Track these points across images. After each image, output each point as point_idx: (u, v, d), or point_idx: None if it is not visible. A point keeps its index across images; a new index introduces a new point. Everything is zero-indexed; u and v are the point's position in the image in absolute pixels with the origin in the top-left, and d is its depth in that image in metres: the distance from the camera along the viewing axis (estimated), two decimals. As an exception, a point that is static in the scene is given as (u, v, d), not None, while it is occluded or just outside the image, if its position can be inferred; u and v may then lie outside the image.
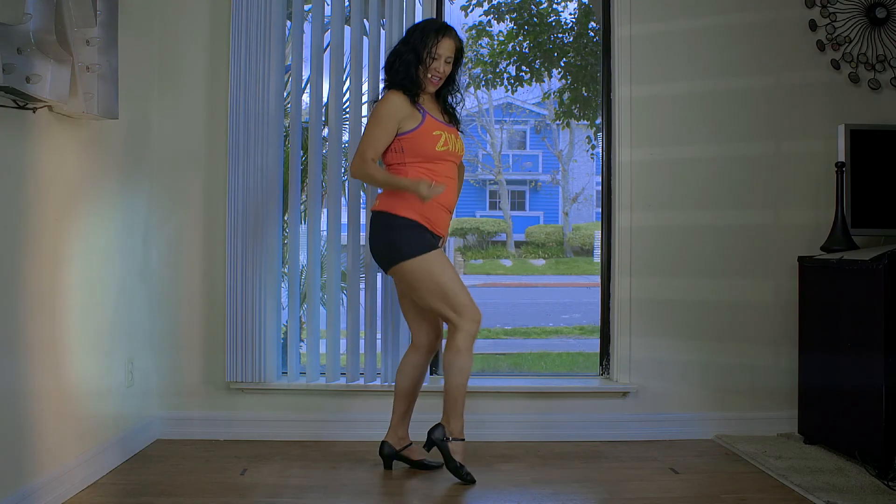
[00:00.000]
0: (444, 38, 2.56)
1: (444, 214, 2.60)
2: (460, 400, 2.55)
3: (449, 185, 2.58)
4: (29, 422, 2.14)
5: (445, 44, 2.55)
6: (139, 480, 2.52)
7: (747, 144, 3.14)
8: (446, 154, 2.58)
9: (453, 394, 2.53)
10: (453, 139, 2.61)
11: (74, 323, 2.39)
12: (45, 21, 1.99)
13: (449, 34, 2.58)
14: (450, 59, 2.58)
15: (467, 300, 2.51)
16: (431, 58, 2.54)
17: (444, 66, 2.57)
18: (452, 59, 2.60)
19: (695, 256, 3.13)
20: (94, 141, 2.50)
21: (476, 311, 2.53)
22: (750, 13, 3.14)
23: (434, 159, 2.56)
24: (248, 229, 2.96)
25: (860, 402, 2.66)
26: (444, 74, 2.59)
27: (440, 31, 2.57)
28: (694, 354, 3.12)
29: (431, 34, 2.55)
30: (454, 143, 2.61)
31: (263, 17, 2.96)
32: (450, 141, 2.59)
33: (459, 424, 2.56)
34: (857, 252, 2.83)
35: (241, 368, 2.98)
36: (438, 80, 2.59)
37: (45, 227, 2.22)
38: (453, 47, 2.58)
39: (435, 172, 2.55)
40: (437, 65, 2.55)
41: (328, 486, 2.50)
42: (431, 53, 2.53)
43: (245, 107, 2.96)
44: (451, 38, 2.58)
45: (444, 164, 2.59)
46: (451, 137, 2.60)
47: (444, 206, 2.59)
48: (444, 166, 2.59)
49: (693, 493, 2.46)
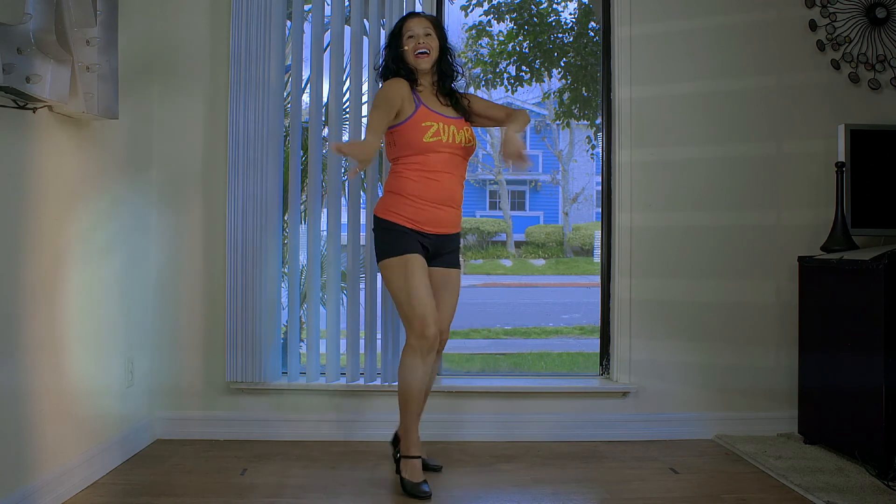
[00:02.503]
0: (409, 19, 2.57)
1: (436, 212, 2.49)
2: (402, 414, 2.48)
3: (447, 179, 2.50)
4: (29, 422, 2.14)
5: (412, 22, 2.56)
6: (139, 480, 2.52)
7: (747, 145, 3.14)
8: (438, 145, 2.48)
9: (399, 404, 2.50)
10: (451, 130, 2.51)
11: (74, 323, 2.39)
12: (45, 21, 1.99)
13: (414, 14, 2.60)
14: (428, 32, 2.55)
15: (420, 314, 2.40)
16: (407, 37, 2.54)
17: (425, 38, 2.53)
18: (431, 32, 2.56)
19: (695, 256, 3.13)
20: (94, 141, 2.50)
21: (426, 327, 2.40)
22: (750, 13, 3.14)
23: (423, 151, 2.48)
24: (248, 229, 2.96)
25: (860, 402, 2.66)
26: (430, 47, 2.54)
27: (403, 17, 2.61)
28: (694, 354, 3.12)
29: (397, 23, 2.61)
30: (451, 134, 2.51)
31: (263, 17, 2.96)
32: (445, 131, 2.50)
33: (407, 441, 2.48)
34: (857, 252, 2.82)
35: (241, 368, 2.98)
36: (425, 54, 2.53)
37: (45, 227, 2.22)
38: (425, 22, 2.56)
39: (426, 165, 2.48)
40: (415, 41, 2.53)
41: (328, 486, 2.50)
42: (404, 34, 2.54)
43: (245, 107, 2.96)
44: (416, 17, 2.58)
45: (438, 155, 2.49)
46: (446, 128, 2.50)
47: (436, 203, 2.49)
48: (438, 158, 2.49)
49: (693, 493, 2.46)
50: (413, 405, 2.47)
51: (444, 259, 2.58)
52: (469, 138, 2.58)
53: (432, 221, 2.50)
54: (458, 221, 2.61)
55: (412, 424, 2.49)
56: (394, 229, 2.48)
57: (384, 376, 3.04)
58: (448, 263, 2.59)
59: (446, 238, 2.55)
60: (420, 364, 2.43)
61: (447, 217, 2.53)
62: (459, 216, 2.61)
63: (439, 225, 2.52)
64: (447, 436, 3.00)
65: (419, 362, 2.43)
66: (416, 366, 2.43)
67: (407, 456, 2.48)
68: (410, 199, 2.48)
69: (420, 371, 2.43)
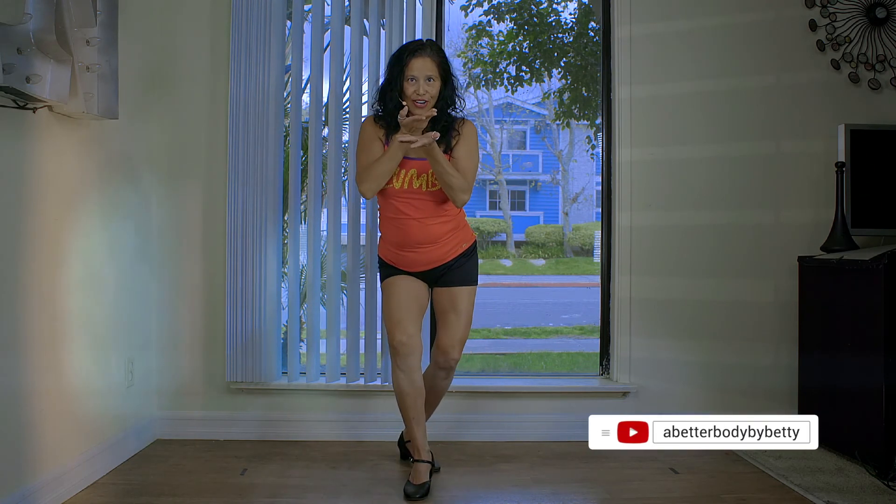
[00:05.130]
0: (414, 58, 2.38)
1: (406, 255, 2.49)
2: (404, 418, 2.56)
3: (413, 225, 2.43)
4: (29, 422, 2.14)
5: (417, 63, 2.37)
6: (139, 480, 2.52)
7: (747, 144, 3.14)
8: (391, 191, 2.44)
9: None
10: (410, 175, 2.41)
11: (74, 323, 2.39)
12: (45, 21, 1.99)
13: (421, 52, 2.39)
14: (431, 77, 2.38)
15: (388, 323, 2.49)
16: (408, 78, 2.38)
17: (425, 85, 2.37)
18: (436, 76, 2.40)
19: (695, 256, 3.13)
20: (94, 141, 2.50)
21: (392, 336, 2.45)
22: (750, 13, 3.14)
23: (386, 196, 2.47)
24: (248, 229, 2.96)
25: (860, 402, 2.66)
26: (429, 96, 2.38)
27: (410, 51, 2.41)
28: (694, 354, 3.12)
29: (403, 56, 2.41)
30: (408, 179, 2.41)
31: (263, 17, 2.96)
32: (399, 177, 2.41)
33: (410, 445, 2.56)
34: (857, 252, 2.82)
35: (241, 368, 2.98)
36: (424, 104, 2.37)
37: (45, 227, 2.22)
38: (430, 64, 2.38)
39: (391, 210, 2.48)
40: (416, 88, 2.37)
41: (328, 486, 2.50)
42: (406, 74, 2.38)
43: (245, 107, 2.96)
44: (423, 56, 2.38)
45: (397, 200, 2.44)
46: (403, 173, 2.41)
47: (404, 248, 2.48)
48: (402, 203, 2.44)
49: (693, 493, 2.46)
50: (403, 409, 2.53)
51: (446, 279, 2.54)
52: (433, 181, 2.42)
53: (406, 263, 2.53)
54: (447, 252, 2.50)
55: (410, 429, 2.54)
56: (385, 266, 2.59)
57: (384, 376, 3.04)
58: (451, 282, 2.53)
59: (437, 269, 2.52)
60: (397, 370, 2.49)
61: (422, 257, 2.49)
62: (447, 246, 2.50)
63: (415, 265, 2.52)
64: (447, 436, 2.99)
65: (395, 368, 2.49)
66: (394, 372, 2.50)
67: (412, 459, 2.53)
68: (386, 242, 2.56)
69: (399, 377, 2.49)
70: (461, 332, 2.54)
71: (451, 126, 2.49)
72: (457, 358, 2.56)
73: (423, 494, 2.39)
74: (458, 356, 2.56)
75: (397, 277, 2.53)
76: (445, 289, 2.54)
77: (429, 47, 2.44)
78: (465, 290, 2.54)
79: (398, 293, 2.51)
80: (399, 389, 2.50)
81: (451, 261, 2.52)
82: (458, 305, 2.53)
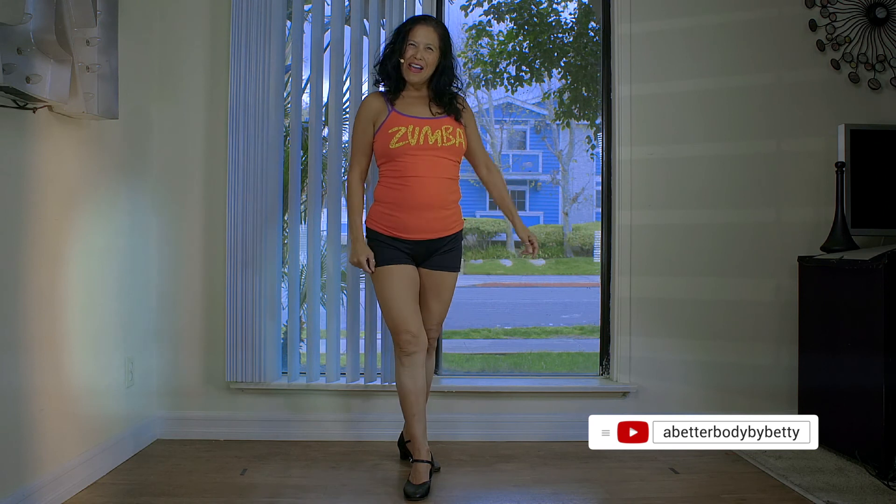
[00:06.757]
0: (418, 26, 2.50)
1: (407, 218, 2.47)
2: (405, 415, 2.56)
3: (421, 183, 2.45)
4: (29, 422, 2.14)
5: (420, 31, 2.49)
6: (139, 480, 2.52)
7: (747, 144, 3.14)
8: (407, 149, 2.45)
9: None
10: (424, 131, 2.46)
11: (74, 323, 2.39)
12: (45, 21, 1.99)
13: (424, 22, 2.52)
14: (431, 47, 2.48)
15: (393, 321, 2.48)
16: (408, 44, 2.48)
17: (424, 52, 2.48)
18: (436, 47, 2.50)
19: (695, 256, 3.13)
20: (94, 141, 2.50)
21: (398, 334, 2.47)
22: (750, 12, 3.14)
23: (393, 157, 2.47)
24: (248, 229, 2.96)
25: (860, 402, 2.66)
26: (425, 63, 2.48)
27: (415, 20, 2.54)
28: (694, 354, 3.12)
29: (407, 24, 2.55)
30: (423, 135, 2.46)
31: (263, 17, 2.96)
32: (414, 133, 2.45)
33: (411, 445, 2.56)
34: (857, 252, 2.82)
35: (241, 368, 2.98)
36: (419, 69, 2.48)
37: (45, 227, 2.22)
38: (432, 34, 2.49)
39: (397, 171, 2.46)
40: (414, 52, 2.47)
41: (328, 486, 2.50)
42: (406, 40, 2.49)
43: (245, 107, 2.96)
44: (426, 26, 2.50)
45: (412, 158, 2.45)
46: (416, 129, 2.46)
47: (408, 209, 2.46)
48: (411, 162, 2.45)
49: (693, 493, 2.46)
50: (405, 406, 2.53)
51: (435, 261, 2.54)
52: (448, 137, 2.49)
53: (405, 228, 2.48)
54: (447, 225, 2.52)
55: (411, 427, 2.54)
56: (375, 238, 2.53)
57: (384, 376, 3.04)
58: (438, 266, 2.54)
59: (431, 242, 2.52)
60: (401, 367, 2.51)
61: (424, 223, 2.48)
62: (449, 219, 2.53)
63: (415, 231, 2.49)
64: (447, 436, 2.99)
65: (400, 365, 2.52)
66: (398, 369, 2.53)
67: (412, 459, 2.53)
68: (383, 206, 2.52)
69: (403, 374, 2.50)
70: (441, 315, 2.65)
71: (455, 98, 2.59)
72: (436, 336, 2.69)
73: (423, 494, 2.40)
74: (438, 334, 2.70)
75: (391, 268, 2.49)
76: (432, 272, 2.56)
77: (433, 20, 2.58)
78: (451, 276, 2.61)
79: (396, 284, 2.49)
80: (402, 386, 2.51)
81: (445, 238, 2.53)
82: (443, 293, 2.60)
